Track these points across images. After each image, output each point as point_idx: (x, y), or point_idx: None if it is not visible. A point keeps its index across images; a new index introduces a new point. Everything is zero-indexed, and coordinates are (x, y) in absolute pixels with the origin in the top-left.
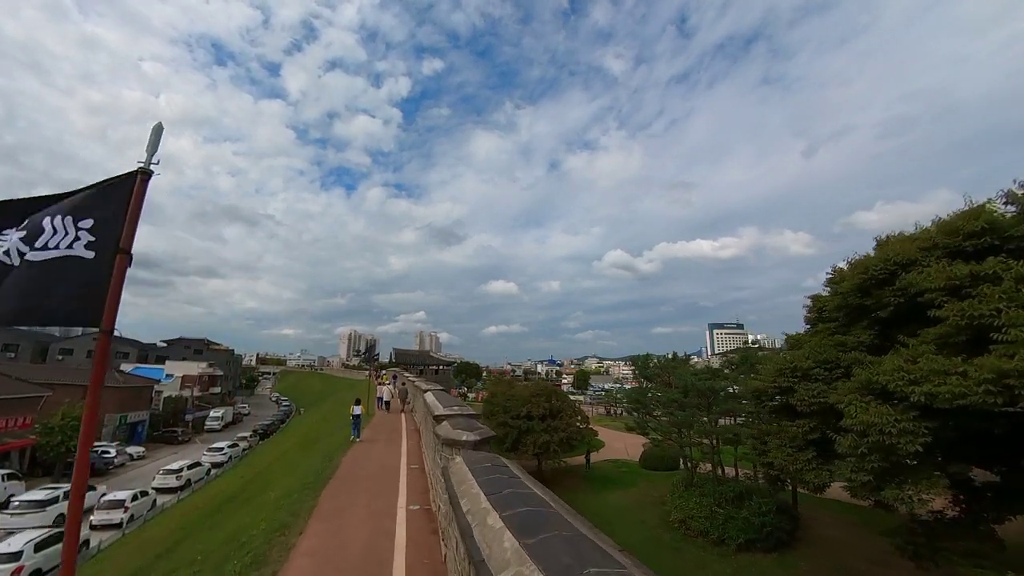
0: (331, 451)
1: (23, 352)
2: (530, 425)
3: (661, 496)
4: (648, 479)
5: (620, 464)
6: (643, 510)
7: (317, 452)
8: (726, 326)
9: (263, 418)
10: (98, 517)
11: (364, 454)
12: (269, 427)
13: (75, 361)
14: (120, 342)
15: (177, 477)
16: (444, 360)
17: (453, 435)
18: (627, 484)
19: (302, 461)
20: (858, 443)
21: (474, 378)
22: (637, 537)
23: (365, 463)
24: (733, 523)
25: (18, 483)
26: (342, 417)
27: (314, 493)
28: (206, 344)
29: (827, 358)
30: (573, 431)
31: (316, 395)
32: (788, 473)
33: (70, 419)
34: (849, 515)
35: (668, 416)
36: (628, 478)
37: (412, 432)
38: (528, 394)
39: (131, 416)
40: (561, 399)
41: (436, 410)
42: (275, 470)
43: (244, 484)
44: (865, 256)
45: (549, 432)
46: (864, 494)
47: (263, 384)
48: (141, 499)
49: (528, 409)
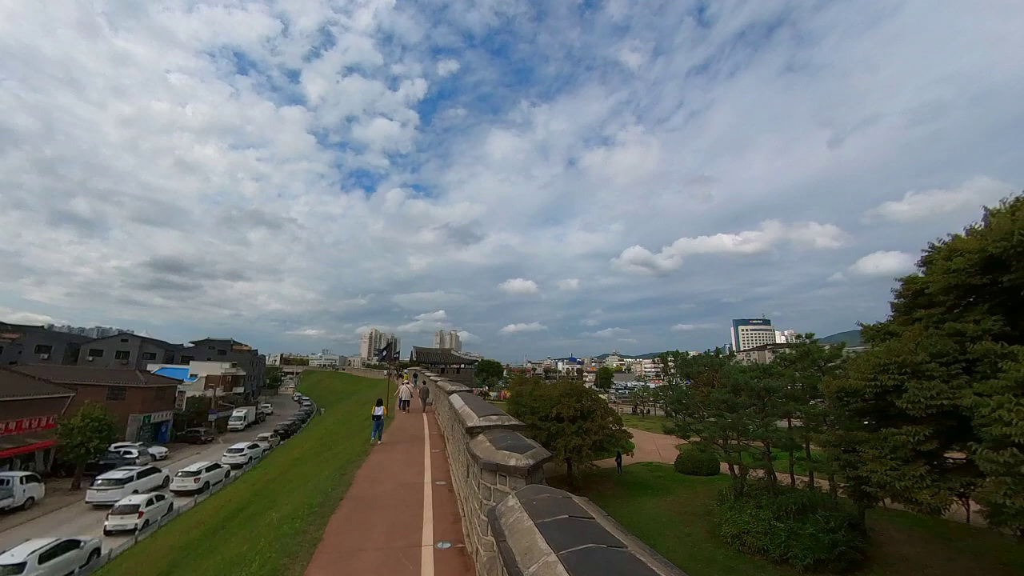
0: (346, 460)
1: (56, 353)
2: (560, 427)
3: (705, 505)
4: (686, 485)
5: (654, 468)
6: (687, 521)
7: (331, 461)
8: (752, 322)
9: (285, 418)
10: (112, 522)
11: (381, 466)
12: (290, 427)
13: (104, 362)
14: (147, 343)
15: (195, 479)
16: (466, 358)
17: (498, 458)
18: (664, 490)
19: (314, 472)
20: (1019, 458)
21: (496, 376)
22: (684, 554)
23: (382, 478)
24: (798, 540)
25: (37, 485)
26: (360, 418)
27: (320, 521)
28: (230, 345)
29: (942, 350)
30: (606, 433)
31: (337, 395)
32: (891, 491)
33: (89, 420)
34: (923, 529)
35: (716, 418)
36: (664, 483)
37: (436, 438)
38: (557, 394)
39: (155, 416)
40: (592, 399)
41: (469, 420)
42: (285, 480)
43: (253, 495)
44: (994, 215)
45: (581, 435)
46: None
47: (286, 384)
48: (157, 503)
49: (558, 410)
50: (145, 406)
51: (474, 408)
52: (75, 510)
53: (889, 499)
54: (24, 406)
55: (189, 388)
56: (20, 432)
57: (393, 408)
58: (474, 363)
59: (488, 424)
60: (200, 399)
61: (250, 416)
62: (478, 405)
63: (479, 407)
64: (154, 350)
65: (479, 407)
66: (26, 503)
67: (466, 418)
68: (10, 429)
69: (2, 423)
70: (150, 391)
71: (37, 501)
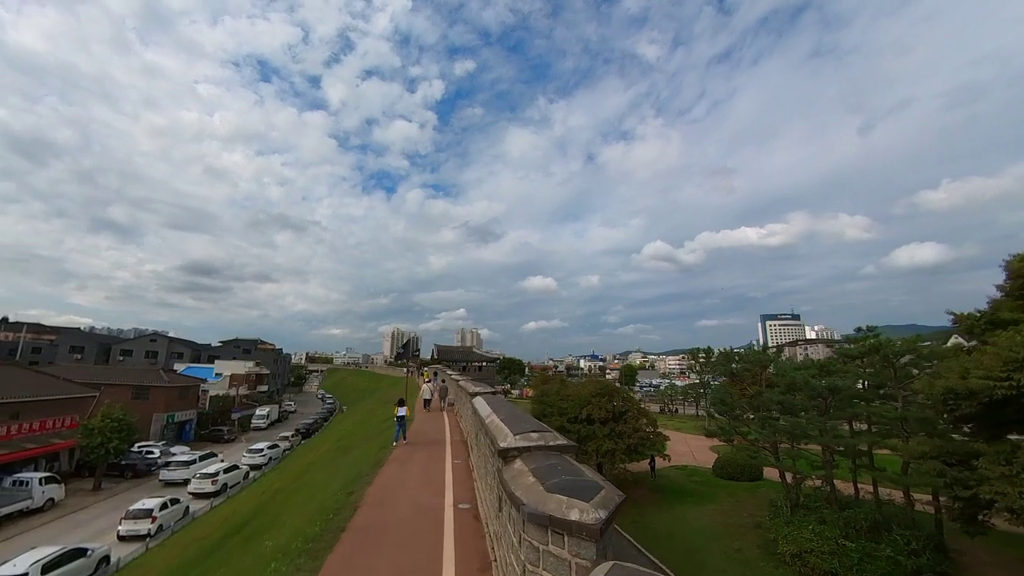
0: (356, 473)
1: (88, 354)
2: (591, 430)
3: (754, 516)
4: (728, 492)
5: (690, 472)
6: (735, 534)
7: (343, 469)
8: (780, 317)
9: (307, 415)
10: (125, 527)
11: (396, 480)
12: (311, 426)
13: (134, 362)
14: (175, 343)
15: (213, 482)
16: (487, 356)
17: (551, 506)
18: (704, 498)
19: (324, 483)
20: None
21: (518, 374)
22: (736, 574)
23: (395, 499)
24: (873, 563)
25: (57, 486)
26: (380, 419)
27: (312, 564)
28: (255, 344)
29: None
30: (641, 436)
31: (359, 393)
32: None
33: (109, 420)
34: (1014, 549)
35: (765, 420)
36: (703, 490)
37: (459, 445)
38: (587, 394)
39: (178, 415)
40: (625, 399)
41: (501, 439)
42: (294, 491)
43: (258, 507)
44: None
45: (614, 438)
46: None
47: (311, 381)
48: (171, 507)
49: (588, 411)
50: (168, 405)
51: (505, 419)
52: (94, 512)
53: None
54: (48, 406)
55: (213, 387)
56: (44, 432)
57: (415, 407)
58: (496, 361)
59: (527, 444)
60: (224, 398)
61: (273, 414)
62: (511, 414)
63: (512, 417)
64: (182, 350)
65: (512, 417)
66: (45, 505)
67: (497, 435)
68: (34, 429)
69: (26, 423)
70: (173, 390)
71: (57, 503)
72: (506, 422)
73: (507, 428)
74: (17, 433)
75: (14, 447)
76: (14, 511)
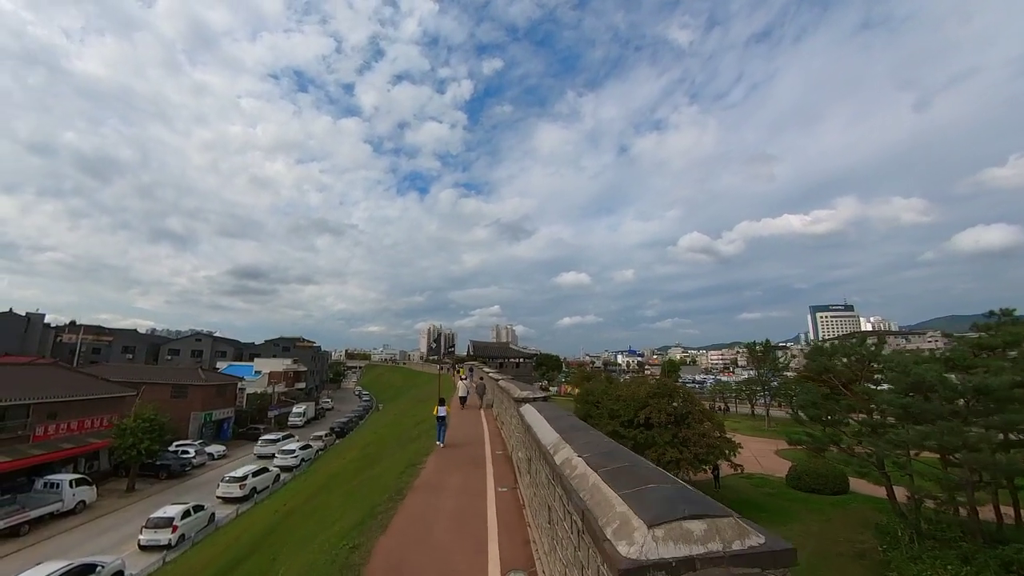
0: (372, 507)
1: (139, 353)
2: (650, 435)
3: (853, 542)
4: (810, 508)
5: (758, 482)
6: (833, 567)
7: (359, 497)
8: (832, 308)
9: (344, 413)
10: (146, 536)
11: (420, 524)
12: (346, 425)
13: (180, 360)
14: (219, 342)
15: (241, 486)
16: (524, 352)
17: None
18: (782, 515)
19: (334, 514)
20: None
21: (555, 370)
22: None
23: (416, 564)
24: None
25: (88, 488)
26: (413, 421)
27: None
28: (293, 342)
29: None
30: (709, 443)
31: (395, 390)
32: None
33: (141, 420)
34: None
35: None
36: (779, 504)
37: (502, 462)
38: (644, 394)
39: (216, 413)
40: (688, 400)
41: (616, 526)
42: (303, 517)
43: (262, 535)
44: None
45: (678, 446)
46: None
47: (349, 378)
48: (195, 515)
49: (646, 414)
50: (206, 404)
51: (594, 457)
52: (124, 516)
53: None
54: (84, 406)
55: (252, 384)
56: (82, 432)
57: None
58: (533, 357)
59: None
60: (261, 395)
61: (309, 412)
62: (595, 445)
63: (604, 455)
64: (225, 348)
65: (604, 455)
66: (76, 507)
67: (597, 509)
68: (71, 429)
69: (63, 423)
70: (210, 388)
71: (89, 505)
72: (598, 466)
73: (612, 490)
74: (55, 433)
75: (51, 447)
76: (44, 514)
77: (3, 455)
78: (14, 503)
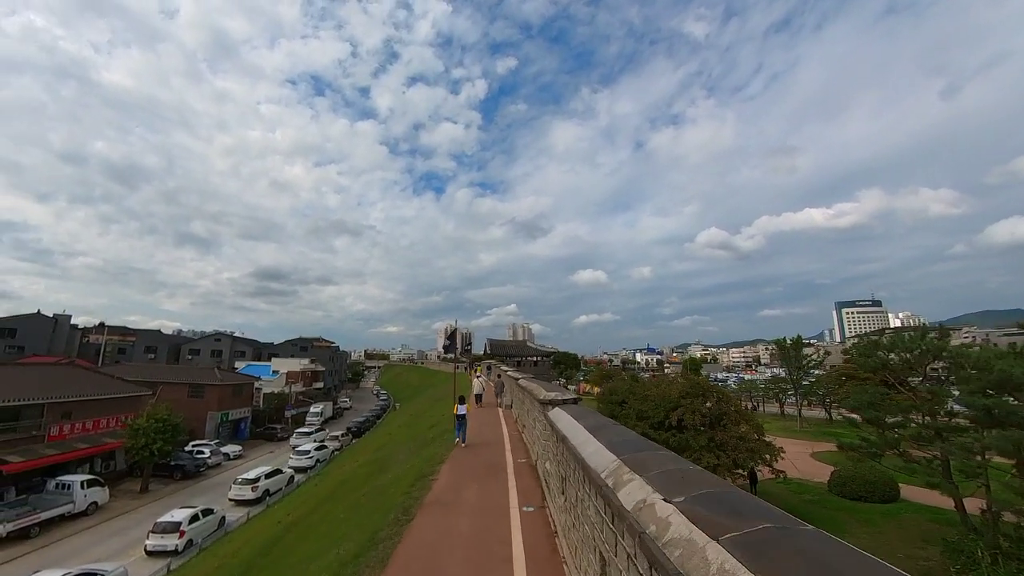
0: (374, 532)
1: (160, 353)
2: (683, 439)
3: (913, 559)
4: (858, 517)
5: (797, 487)
6: None
7: (364, 514)
8: (859, 304)
9: (361, 412)
10: (152, 542)
11: (431, 558)
12: (363, 424)
13: (200, 360)
14: (238, 341)
15: (253, 488)
16: (541, 350)
17: None
18: (828, 525)
19: (337, 532)
20: None
21: (573, 369)
22: None
23: None
24: None
25: (100, 489)
26: (428, 422)
27: None
28: (311, 342)
29: None
30: (749, 448)
31: (412, 389)
32: None
33: (154, 420)
34: None
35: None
36: (822, 513)
37: (524, 471)
38: (676, 394)
39: (233, 413)
40: (723, 400)
41: None
42: (304, 530)
43: (272, 541)
44: None
45: (715, 450)
46: None
47: (368, 378)
48: (203, 519)
49: (679, 416)
50: (222, 403)
51: (663, 483)
52: (136, 517)
53: None
54: (99, 405)
55: (269, 384)
56: (97, 432)
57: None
58: (550, 355)
59: None
60: (279, 395)
61: (327, 412)
62: (667, 470)
63: (667, 472)
64: (244, 348)
65: (667, 472)
66: (88, 508)
67: None
68: (87, 429)
69: (78, 423)
70: (227, 388)
71: (101, 506)
72: (711, 525)
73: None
74: (70, 433)
75: (66, 447)
76: (54, 516)
77: (17, 455)
78: (25, 504)
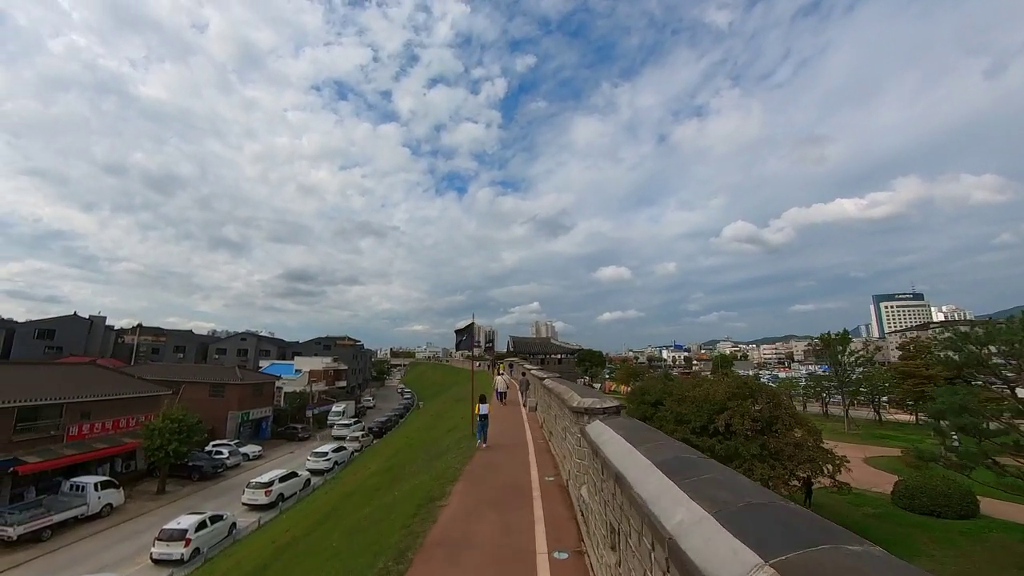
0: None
1: (188, 353)
2: (731, 446)
3: None
4: (932, 535)
5: (855, 499)
6: None
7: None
8: (899, 297)
9: (384, 411)
10: (158, 550)
11: None
12: (385, 424)
13: (227, 359)
14: (263, 341)
15: (267, 492)
16: (566, 348)
17: None
18: (898, 545)
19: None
20: None
21: (598, 367)
22: None
23: None
24: None
25: (115, 491)
26: (449, 424)
27: None
28: (334, 340)
29: None
30: (807, 457)
31: (436, 387)
32: None
33: (169, 420)
34: None
35: None
36: (889, 530)
37: (554, 493)
38: (722, 395)
39: (254, 413)
40: (775, 402)
41: None
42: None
43: (258, 570)
44: None
45: (769, 459)
46: None
47: (393, 376)
48: (211, 526)
49: (726, 419)
50: (243, 403)
51: None
52: (150, 520)
53: None
54: (118, 405)
55: (291, 383)
56: (116, 431)
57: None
58: (575, 353)
59: None
60: (301, 394)
61: (349, 410)
62: None
63: None
64: (269, 347)
65: None
66: (103, 510)
67: None
68: (106, 428)
69: (97, 423)
70: (247, 387)
71: (116, 508)
72: None
73: None
74: (89, 433)
75: (84, 447)
76: (68, 518)
77: (35, 455)
78: (39, 506)
